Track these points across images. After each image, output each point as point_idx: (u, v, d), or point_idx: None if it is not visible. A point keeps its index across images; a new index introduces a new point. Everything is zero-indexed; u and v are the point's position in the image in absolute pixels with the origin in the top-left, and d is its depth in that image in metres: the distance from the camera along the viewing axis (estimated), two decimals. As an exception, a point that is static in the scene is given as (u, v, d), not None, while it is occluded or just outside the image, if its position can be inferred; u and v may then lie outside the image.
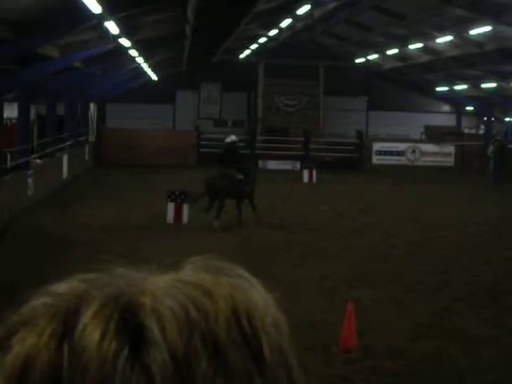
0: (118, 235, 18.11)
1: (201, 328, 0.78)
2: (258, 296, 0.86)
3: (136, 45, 24.94)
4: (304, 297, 12.85)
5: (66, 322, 0.78)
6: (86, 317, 0.77)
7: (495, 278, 14.99)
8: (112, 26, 19.19)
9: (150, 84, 43.99)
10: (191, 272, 0.86)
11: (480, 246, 18.58)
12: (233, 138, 21.24)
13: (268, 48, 43.09)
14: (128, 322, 0.77)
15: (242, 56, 46.70)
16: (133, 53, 26.92)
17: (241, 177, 20.02)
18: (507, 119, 51.34)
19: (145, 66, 34.63)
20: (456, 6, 27.21)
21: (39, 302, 0.81)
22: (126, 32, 21.16)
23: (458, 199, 27.59)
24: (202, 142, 40.71)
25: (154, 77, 41.92)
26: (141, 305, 0.79)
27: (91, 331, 0.76)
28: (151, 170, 34.81)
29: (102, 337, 0.75)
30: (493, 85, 41.58)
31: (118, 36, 21.32)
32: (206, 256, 0.91)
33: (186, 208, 20.31)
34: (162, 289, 0.82)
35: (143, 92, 44.65)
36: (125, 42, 22.85)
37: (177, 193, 20.36)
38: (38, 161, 26.72)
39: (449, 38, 31.57)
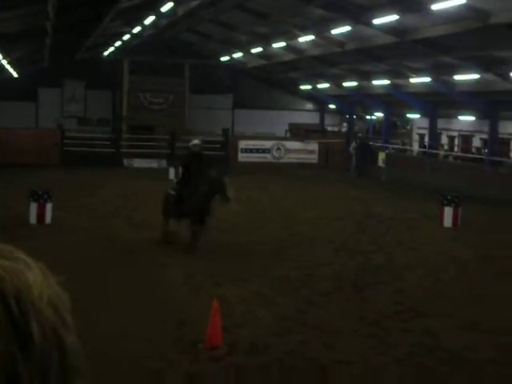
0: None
1: None
2: (34, 278, 0.86)
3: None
4: (169, 295, 12.79)
5: None
6: None
7: (358, 271, 15.35)
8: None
9: (10, 81, 42.74)
10: None
11: (343, 240, 19.01)
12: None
13: (132, 45, 42.70)
14: None
15: (106, 53, 46.06)
16: (-9, 49, 26.11)
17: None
18: (368, 117, 52.80)
19: (4, 63, 33.63)
20: (315, 6, 27.74)
21: None
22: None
23: (321, 195, 28.11)
24: (66, 141, 39.86)
25: (14, 74, 40.77)
26: None
27: None
28: (13, 169, 33.81)
29: None
30: (354, 83, 42.63)
31: (-25, 31, 20.65)
32: None
33: (49, 208, 19.78)
34: None
35: (3, 89, 43.37)
36: (-18, 37, 22.14)
37: (40, 192, 19.79)
38: None
39: (311, 37, 32.16)
